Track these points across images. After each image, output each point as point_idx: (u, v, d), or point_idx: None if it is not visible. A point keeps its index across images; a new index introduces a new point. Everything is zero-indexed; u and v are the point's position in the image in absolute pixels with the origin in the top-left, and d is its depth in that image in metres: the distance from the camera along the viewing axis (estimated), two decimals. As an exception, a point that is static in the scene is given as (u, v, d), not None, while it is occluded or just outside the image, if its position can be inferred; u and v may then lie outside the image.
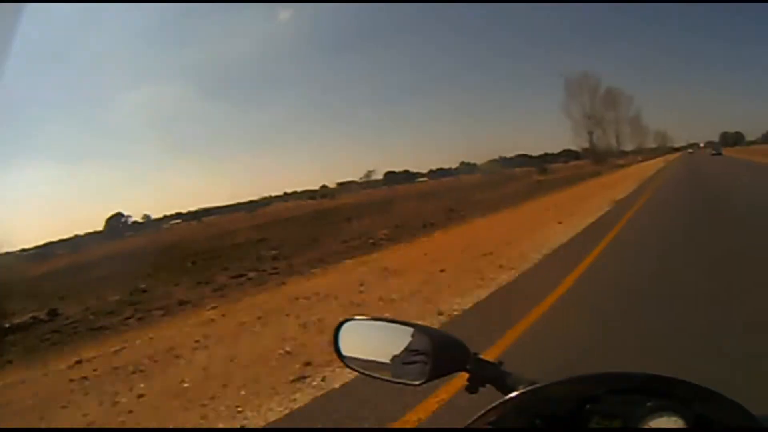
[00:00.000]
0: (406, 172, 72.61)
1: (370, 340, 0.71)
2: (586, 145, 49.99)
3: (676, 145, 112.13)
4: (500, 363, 0.68)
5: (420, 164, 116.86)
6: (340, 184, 67.58)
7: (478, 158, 58.43)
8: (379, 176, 70.17)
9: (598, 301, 3.86)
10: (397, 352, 0.67)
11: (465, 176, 54.07)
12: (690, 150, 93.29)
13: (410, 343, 0.67)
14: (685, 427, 0.51)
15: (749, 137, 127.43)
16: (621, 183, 18.91)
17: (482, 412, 0.57)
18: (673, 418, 0.52)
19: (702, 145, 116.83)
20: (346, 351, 0.73)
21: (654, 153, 76.28)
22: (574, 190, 19.01)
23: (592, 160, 40.60)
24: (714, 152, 44.21)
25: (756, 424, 0.51)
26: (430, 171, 73.11)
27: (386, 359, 0.69)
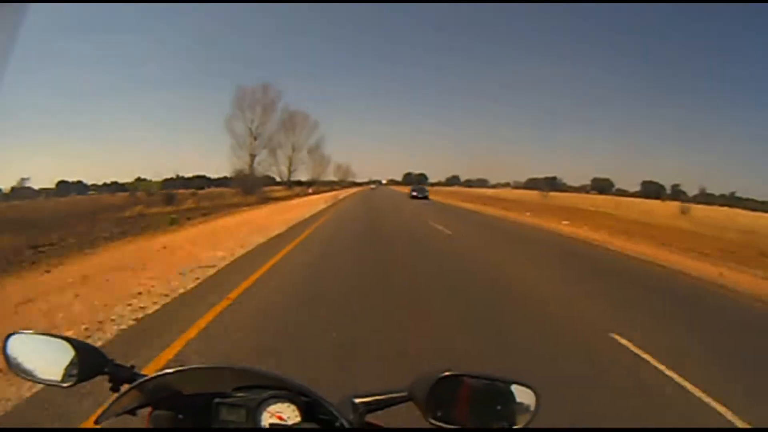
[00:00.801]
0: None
1: (33, 350, 0.79)
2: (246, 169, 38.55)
3: (359, 180, 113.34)
4: (132, 366, 0.78)
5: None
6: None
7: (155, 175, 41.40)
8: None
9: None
10: (54, 360, 0.77)
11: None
12: (372, 186, 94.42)
13: (62, 353, 0.76)
14: (297, 411, 0.70)
15: (432, 179, 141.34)
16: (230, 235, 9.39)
17: (112, 401, 0.70)
18: (286, 404, 0.70)
19: (384, 182, 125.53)
20: (14, 358, 0.80)
21: (331, 186, 72.28)
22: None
23: (242, 189, 29.29)
24: (415, 194, 31.99)
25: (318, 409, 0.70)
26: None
27: (47, 365, 0.77)
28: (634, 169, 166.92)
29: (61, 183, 50.81)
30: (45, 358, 0.77)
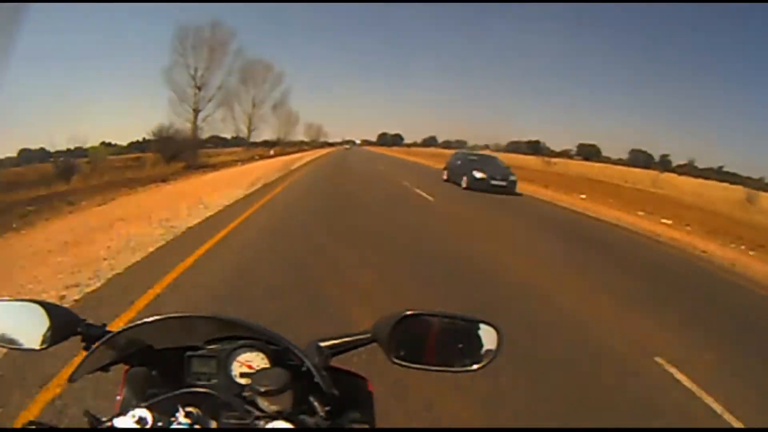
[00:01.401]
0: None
1: (5, 316, 0.77)
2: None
3: (332, 141, 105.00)
4: (104, 324, 0.78)
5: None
6: None
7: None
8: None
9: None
10: (25, 324, 0.75)
11: None
12: (346, 146, 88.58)
13: (32, 316, 0.75)
14: (266, 359, 0.73)
15: (408, 140, 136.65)
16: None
17: (86, 357, 0.69)
18: (255, 353, 0.73)
19: (358, 142, 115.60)
20: None
21: (300, 146, 63.16)
22: None
23: (164, 155, 20.12)
24: (494, 181, 13.67)
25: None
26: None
27: (18, 330, 0.76)
28: (621, 136, 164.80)
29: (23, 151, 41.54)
30: (16, 323, 0.77)
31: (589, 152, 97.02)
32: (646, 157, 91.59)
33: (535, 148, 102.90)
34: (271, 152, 36.66)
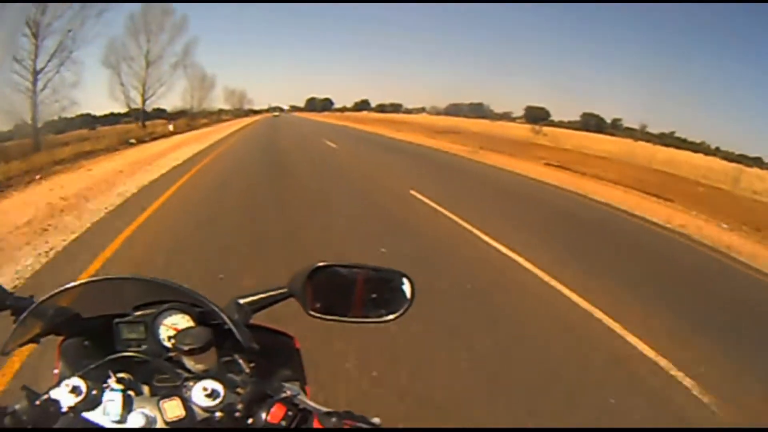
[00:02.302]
0: None
1: None
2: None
3: (257, 108, 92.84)
4: (32, 296, 0.77)
5: None
6: None
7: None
8: None
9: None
10: None
11: None
12: (275, 113, 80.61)
13: None
14: (191, 320, 0.75)
15: (338, 104, 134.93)
16: None
17: (15, 328, 0.70)
18: (180, 315, 0.75)
19: (287, 108, 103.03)
20: None
21: (218, 116, 52.61)
22: None
23: None
24: None
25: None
26: None
27: None
28: (570, 99, 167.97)
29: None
30: None
31: (537, 115, 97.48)
32: (598, 121, 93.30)
33: (477, 110, 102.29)
34: (170, 127, 27.55)
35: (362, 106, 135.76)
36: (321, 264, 0.75)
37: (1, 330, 0.71)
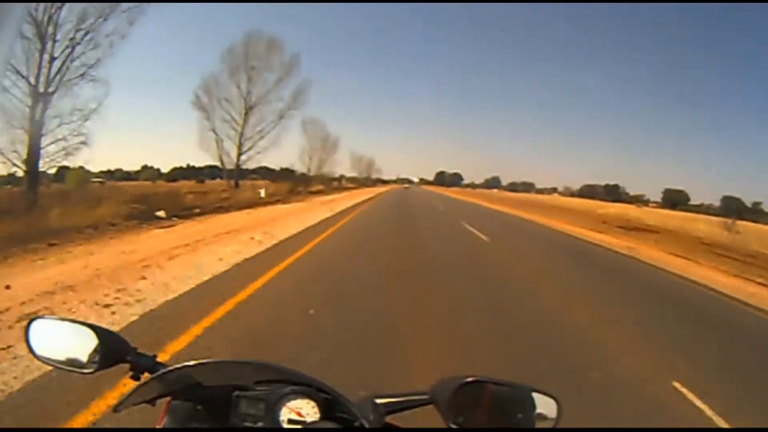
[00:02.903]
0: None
1: (56, 336, 0.79)
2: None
3: (385, 178, 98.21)
4: (155, 355, 0.78)
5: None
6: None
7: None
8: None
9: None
10: (76, 346, 0.76)
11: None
12: (405, 185, 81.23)
13: (85, 339, 0.76)
14: (317, 407, 0.70)
15: (467, 180, 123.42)
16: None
17: (133, 390, 0.70)
18: (306, 401, 0.70)
19: (416, 180, 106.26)
20: (36, 343, 0.79)
21: (338, 183, 46.52)
22: None
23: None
24: None
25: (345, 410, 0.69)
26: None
27: (69, 352, 0.77)
28: (709, 179, 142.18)
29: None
30: (67, 344, 0.77)
31: (676, 199, 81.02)
32: (738, 204, 75.72)
33: (613, 192, 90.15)
34: (261, 193, 20.95)
35: (492, 183, 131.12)
36: (471, 379, 0.69)
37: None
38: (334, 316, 3.91)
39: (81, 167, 13.86)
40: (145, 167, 53.49)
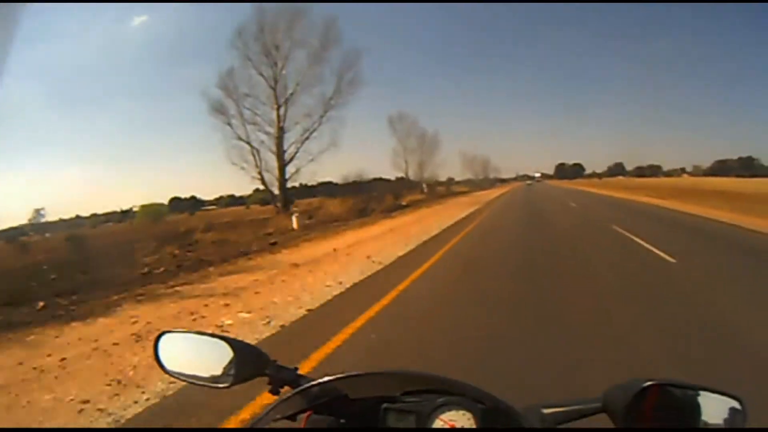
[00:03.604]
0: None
1: (186, 350, 0.79)
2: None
3: (504, 177, 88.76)
4: (296, 368, 0.76)
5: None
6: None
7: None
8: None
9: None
10: (209, 360, 0.75)
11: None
12: (528, 182, 74.32)
13: (219, 353, 0.75)
14: (473, 419, 0.62)
15: (588, 170, 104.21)
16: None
17: (274, 404, 0.67)
18: (461, 412, 0.63)
19: (538, 176, 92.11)
20: (165, 358, 0.79)
21: (447, 187, 39.25)
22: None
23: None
24: None
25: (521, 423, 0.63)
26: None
27: (201, 366, 0.76)
28: None
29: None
30: (200, 357, 0.76)
31: None
32: None
33: (748, 165, 71.45)
34: (293, 222, 14.19)
35: (615, 170, 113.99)
36: (650, 382, 0.61)
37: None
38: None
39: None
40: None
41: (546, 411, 0.67)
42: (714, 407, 0.62)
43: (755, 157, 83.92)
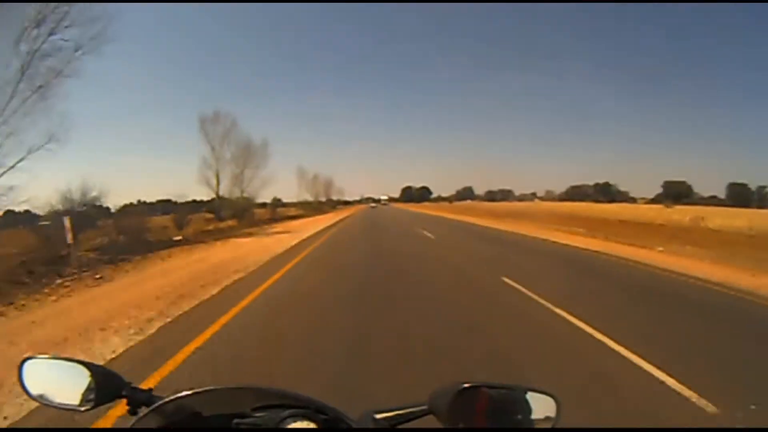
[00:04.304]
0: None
1: (49, 375, 0.79)
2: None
3: (349, 199, 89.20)
4: (150, 390, 0.78)
5: None
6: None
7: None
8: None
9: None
10: (71, 384, 0.77)
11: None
12: (372, 205, 72.98)
13: (79, 377, 0.77)
14: (317, 427, 0.67)
15: (435, 194, 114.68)
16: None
17: (131, 425, 0.68)
18: (305, 422, 0.67)
19: (385, 199, 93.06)
20: (30, 384, 0.79)
21: (269, 212, 32.84)
22: None
23: None
24: None
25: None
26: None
27: (63, 390, 0.77)
28: (711, 168, 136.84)
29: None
30: (61, 382, 0.77)
31: (678, 191, 75.04)
32: (745, 191, 72.31)
33: (605, 192, 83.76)
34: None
35: (465, 194, 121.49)
36: (467, 385, 0.68)
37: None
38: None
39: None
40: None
41: (378, 416, 0.73)
42: (537, 405, 0.70)
43: (612, 183, 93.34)
